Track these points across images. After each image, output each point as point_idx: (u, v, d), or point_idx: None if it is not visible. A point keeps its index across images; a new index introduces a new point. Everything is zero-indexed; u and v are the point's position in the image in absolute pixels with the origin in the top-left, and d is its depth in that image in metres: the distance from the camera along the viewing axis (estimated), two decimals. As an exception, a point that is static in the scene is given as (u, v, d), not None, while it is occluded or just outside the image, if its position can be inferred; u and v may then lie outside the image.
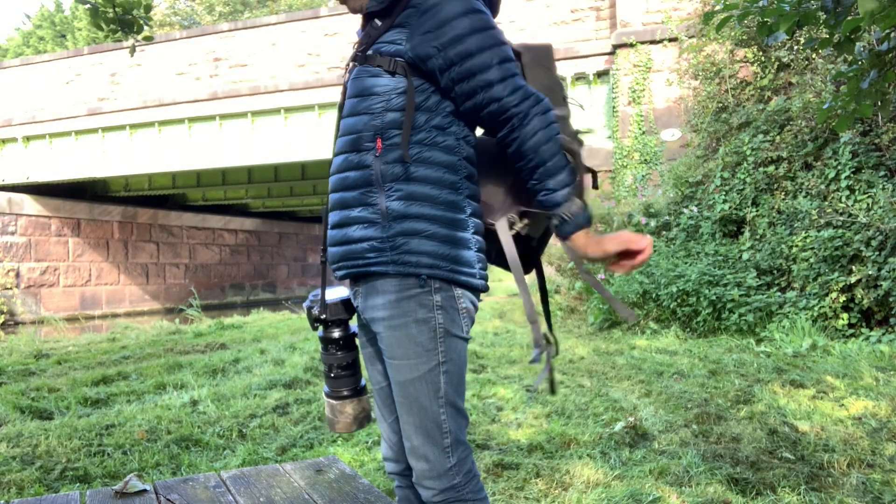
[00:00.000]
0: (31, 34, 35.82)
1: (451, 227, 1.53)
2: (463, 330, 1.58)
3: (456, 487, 1.57)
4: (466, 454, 1.61)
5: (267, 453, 3.75)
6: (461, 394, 1.61)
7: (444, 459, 1.57)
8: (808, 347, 5.81)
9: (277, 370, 5.88)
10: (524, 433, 3.88)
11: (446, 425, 1.57)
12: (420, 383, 1.55)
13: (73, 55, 16.96)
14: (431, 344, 1.54)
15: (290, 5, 33.67)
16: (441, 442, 1.57)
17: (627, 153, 10.99)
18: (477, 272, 1.58)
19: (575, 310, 8.96)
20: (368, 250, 1.53)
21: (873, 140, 7.29)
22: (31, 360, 6.88)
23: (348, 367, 1.71)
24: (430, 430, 1.57)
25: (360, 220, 1.54)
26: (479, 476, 1.65)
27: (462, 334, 1.58)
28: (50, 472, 3.47)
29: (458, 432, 1.59)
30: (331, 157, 1.67)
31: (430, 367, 1.55)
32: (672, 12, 11.14)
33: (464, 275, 1.55)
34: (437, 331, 1.54)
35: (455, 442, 1.58)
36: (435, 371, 1.55)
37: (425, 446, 1.57)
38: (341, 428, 1.74)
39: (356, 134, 1.55)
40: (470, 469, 1.60)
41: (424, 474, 1.58)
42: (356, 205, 1.54)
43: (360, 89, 1.56)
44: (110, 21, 5.00)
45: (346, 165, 1.57)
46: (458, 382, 1.60)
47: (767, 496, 2.90)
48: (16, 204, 17.28)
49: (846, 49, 2.62)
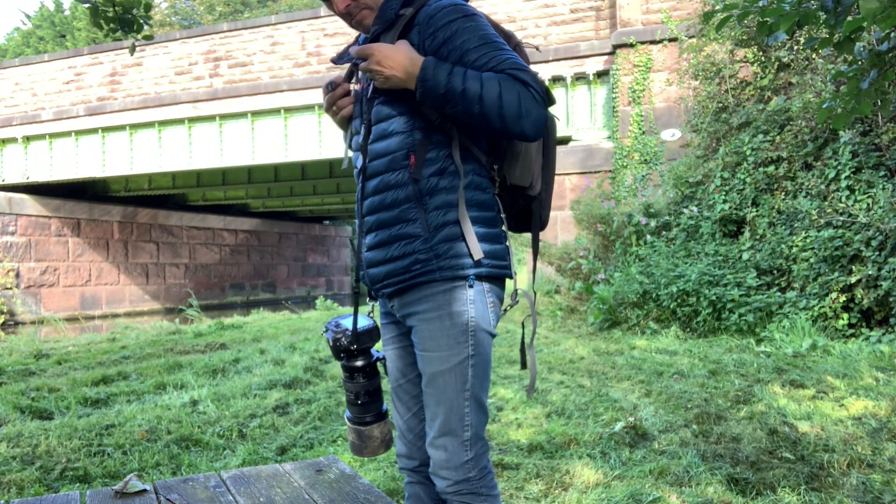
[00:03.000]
0: (30, 34, 35.81)
1: (487, 226, 1.64)
2: (491, 324, 1.65)
3: (470, 480, 1.62)
4: (484, 450, 1.65)
5: (267, 453, 3.75)
6: (486, 389, 1.67)
7: (463, 452, 1.62)
8: (808, 347, 5.81)
9: (277, 370, 5.88)
10: (524, 433, 3.88)
11: (468, 419, 1.62)
12: (449, 375, 1.61)
13: (73, 55, 16.96)
14: (462, 337, 1.60)
15: (290, 5, 33.66)
16: (461, 435, 1.62)
17: (627, 153, 10.99)
18: (509, 263, 1.68)
19: (575, 310, 8.96)
20: (413, 264, 1.60)
21: (873, 140, 7.29)
22: (31, 360, 6.88)
23: (374, 394, 1.75)
24: (453, 422, 1.62)
25: (402, 237, 1.61)
26: (494, 473, 1.70)
27: (490, 329, 1.65)
28: (50, 472, 3.47)
29: (478, 427, 1.64)
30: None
31: (459, 359, 1.61)
32: (672, 12, 11.14)
33: (502, 269, 1.65)
34: (469, 324, 1.60)
35: (474, 436, 1.63)
36: (464, 364, 1.61)
37: (446, 437, 1.62)
38: (369, 452, 1.77)
39: (390, 155, 1.62)
40: (485, 465, 1.65)
41: (441, 464, 1.63)
42: (396, 223, 1.61)
43: (384, 114, 1.64)
44: (110, 20, 5.00)
45: (383, 186, 1.63)
46: (484, 377, 1.65)
47: (767, 496, 2.90)
48: (16, 204, 17.27)
49: (846, 49, 2.62)
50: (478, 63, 1.54)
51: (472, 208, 1.62)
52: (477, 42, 1.56)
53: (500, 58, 1.54)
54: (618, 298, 7.84)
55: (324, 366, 6.06)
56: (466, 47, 1.55)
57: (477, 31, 1.57)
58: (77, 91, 16.55)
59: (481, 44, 1.55)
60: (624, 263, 8.60)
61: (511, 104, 1.49)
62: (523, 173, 1.70)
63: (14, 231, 17.24)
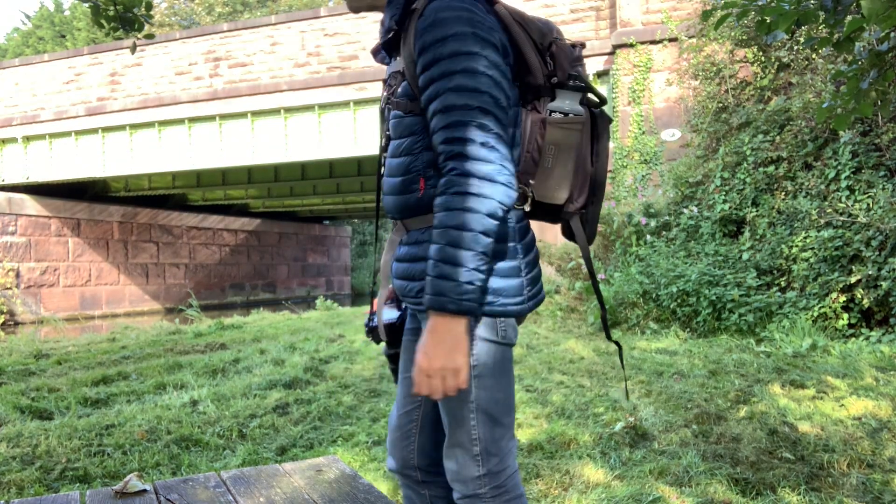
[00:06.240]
0: (30, 34, 35.80)
1: (497, 259, 1.47)
2: (497, 334, 1.50)
3: (481, 497, 1.52)
4: (501, 468, 1.53)
5: (267, 453, 3.75)
6: (501, 402, 1.53)
7: (474, 467, 1.51)
8: (808, 347, 5.81)
9: (277, 370, 5.88)
10: (524, 433, 3.88)
11: (475, 432, 1.51)
12: None
13: (73, 55, 16.96)
14: None
15: (290, 5, 33.65)
16: (470, 449, 1.51)
17: (627, 153, 10.99)
18: (521, 299, 1.50)
19: (575, 310, 8.95)
20: (420, 290, 1.48)
21: (873, 140, 7.29)
22: (31, 360, 6.87)
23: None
24: (460, 435, 1.52)
25: (416, 259, 1.52)
26: (518, 497, 1.56)
27: (495, 338, 1.51)
28: (50, 472, 3.47)
29: (490, 443, 1.51)
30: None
31: None
32: (672, 12, 11.14)
33: (506, 306, 1.49)
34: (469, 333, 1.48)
35: (485, 452, 1.51)
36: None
37: (456, 448, 1.53)
38: None
39: (402, 176, 1.53)
40: (502, 485, 1.52)
41: (453, 475, 1.55)
42: (413, 244, 1.54)
43: (399, 130, 1.54)
44: (111, 19, 5.01)
45: (401, 204, 1.56)
46: (495, 389, 1.51)
47: (767, 496, 2.90)
48: (16, 204, 17.27)
49: (846, 49, 2.62)
50: (427, 110, 1.41)
51: None
52: (435, 88, 1.38)
53: (441, 123, 1.37)
54: (618, 298, 7.83)
55: (324, 366, 6.06)
56: (426, 84, 1.41)
57: (445, 67, 1.37)
58: (77, 91, 16.55)
59: (452, 104, 1.37)
60: (624, 263, 8.60)
61: (467, 220, 1.33)
62: (556, 189, 1.51)
63: (14, 231, 17.24)
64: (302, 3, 33.63)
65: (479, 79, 1.36)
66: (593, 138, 1.55)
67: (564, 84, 1.51)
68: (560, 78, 1.51)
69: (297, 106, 14.39)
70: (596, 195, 1.57)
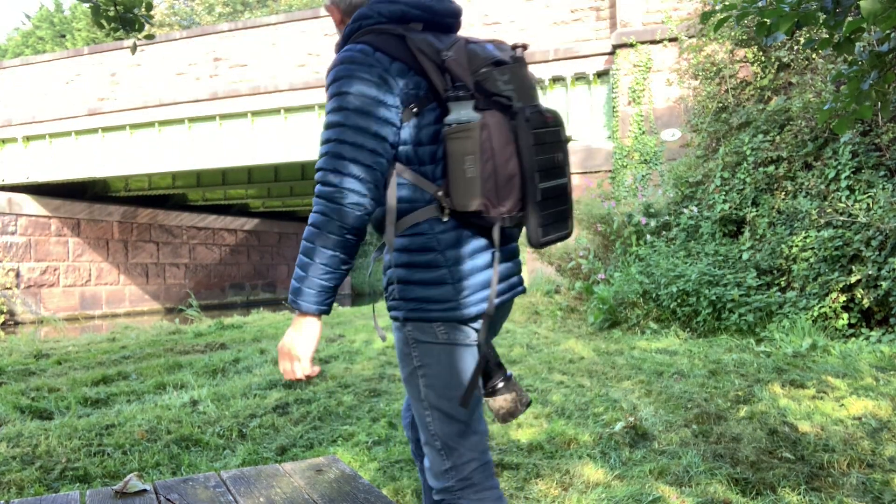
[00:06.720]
0: (30, 34, 35.79)
1: (424, 270, 1.57)
2: (437, 336, 1.58)
3: (450, 490, 1.63)
4: (463, 461, 1.63)
5: (267, 453, 3.75)
6: (451, 399, 1.60)
7: (440, 461, 1.64)
8: (808, 347, 5.81)
9: (277, 370, 5.88)
10: (524, 433, 3.88)
11: (432, 428, 1.63)
12: (407, 385, 1.67)
13: (73, 55, 16.95)
14: (406, 349, 1.63)
15: (290, 5, 33.65)
16: (433, 443, 1.65)
17: (627, 153, 10.99)
18: (453, 305, 1.56)
19: (575, 310, 8.96)
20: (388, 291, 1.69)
21: (873, 140, 7.29)
22: (31, 360, 6.87)
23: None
24: (424, 432, 1.67)
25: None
26: (488, 488, 1.64)
27: (434, 340, 1.58)
28: (50, 472, 3.47)
29: (448, 438, 1.62)
30: None
31: (408, 371, 1.64)
32: (672, 12, 11.14)
33: (432, 311, 1.58)
34: (408, 338, 1.61)
35: (446, 447, 1.63)
36: (413, 376, 1.64)
37: (426, 445, 1.68)
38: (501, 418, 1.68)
39: None
40: (468, 477, 1.62)
41: (427, 470, 1.69)
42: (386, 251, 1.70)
43: None
44: (111, 19, 5.00)
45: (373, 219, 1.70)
46: (445, 387, 1.60)
47: (767, 496, 2.90)
48: (16, 204, 17.27)
49: (846, 49, 2.62)
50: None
51: (404, 253, 1.58)
52: (323, 134, 1.55)
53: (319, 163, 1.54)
54: (618, 298, 7.84)
55: (324, 366, 6.06)
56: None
57: (329, 116, 1.55)
58: (77, 91, 16.54)
59: (323, 140, 1.55)
60: (624, 263, 8.60)
61: (318, 236, 1.50)
62: (464, 197, 1.51)
63: (14, 231, 17.24)
64: (302, 3, 33.63)
65: (344, 114, 1.51)
66: (517, 139, 1.52)
67: (449, 96, 1.53)
68: (459, 89, 1.52)
69: (297, 106, 14.38)
70: (527, 197, 1.53)
